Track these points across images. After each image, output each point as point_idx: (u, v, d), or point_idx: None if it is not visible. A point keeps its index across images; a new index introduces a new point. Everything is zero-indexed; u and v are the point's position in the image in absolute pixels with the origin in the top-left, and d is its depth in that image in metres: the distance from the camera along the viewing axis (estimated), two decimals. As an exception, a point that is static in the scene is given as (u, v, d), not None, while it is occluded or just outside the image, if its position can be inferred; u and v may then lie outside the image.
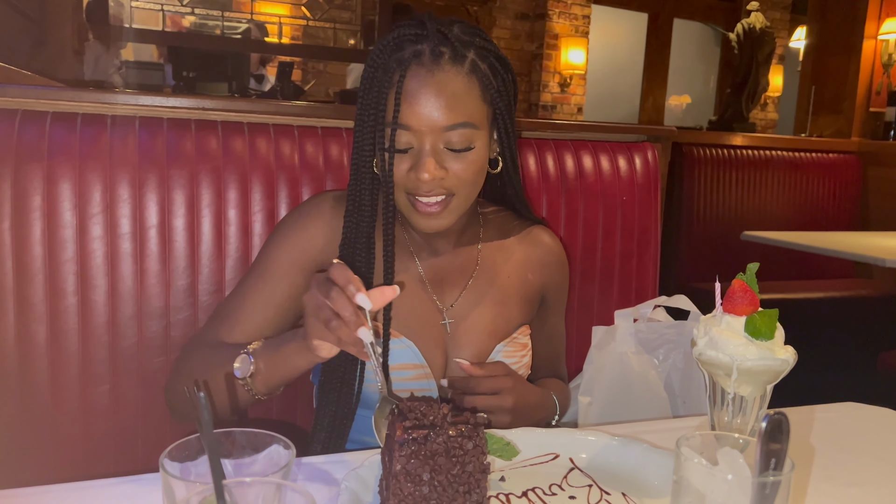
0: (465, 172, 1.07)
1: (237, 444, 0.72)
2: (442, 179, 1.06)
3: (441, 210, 1.08)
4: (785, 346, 0.83)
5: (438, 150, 1.05)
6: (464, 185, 1.08)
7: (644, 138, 1.76)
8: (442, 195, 1.08)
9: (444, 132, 1.04)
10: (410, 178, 1.06)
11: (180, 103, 1.37)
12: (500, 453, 0.87)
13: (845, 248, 2.89)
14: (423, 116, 1.03)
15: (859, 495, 0.87)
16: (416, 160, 1.05)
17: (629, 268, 1.65)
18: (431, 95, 1.03)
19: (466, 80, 1.05)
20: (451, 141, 1.05)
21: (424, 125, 1.03)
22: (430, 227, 1.10)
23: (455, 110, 1.04)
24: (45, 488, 0.81)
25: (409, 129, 1.04)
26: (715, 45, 7.90)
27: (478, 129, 1.07)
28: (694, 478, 0.52)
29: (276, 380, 1.01)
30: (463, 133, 1.05)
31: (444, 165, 1.05)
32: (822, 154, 3.84)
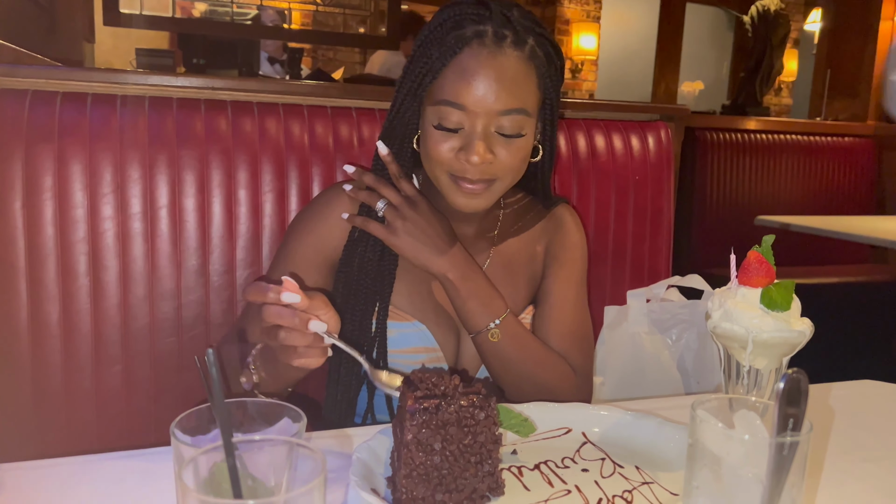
0: (512, 159, 1.05)
1: (248, 414, 0.72)
2: (490, 164, 1.04)
3: (483, 191, 1.07)
4: (801, 318, 0.82)
5: (489, 133, 1.03)
6: (508, 172, 1.07)
7: (657, 117, 1.74)
8: (486, 181, 1.06)
9: (497, 116, 1.02)
10: (458, 160, 1.04)
11: (190, 83, 1.37)
12: (518, 429, 0.87)
13: (860, 233, 2.87)
14: (480, 98, 1.01)
15: (875, 470, 0.86)
16: (467, 142, 1.03)
17: (642, 249, 1.64)
18: (491, 77, 1.01)
19: (525, 66, 1.04)
20: (503, 126, 1.03)
21: (480, 107, 1.01)
22: (470, 206, 1.08)
23: (512, 95, 1.02)
24: (56, 461, 0.81)
25: (464, 108, 1.02)
26: (728, 30, 7.81)
27: (530, 117, 1.06)
28: (709, 441, 0.51)
29: (281, 386, 1.00)
30: (516, 119, 1.03)
31: (492, 150, 1.04)
32: (837, 138, 3.79)
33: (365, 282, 1.12)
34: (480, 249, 1.20)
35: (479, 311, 1.10)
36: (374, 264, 1.12)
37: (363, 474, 0.75)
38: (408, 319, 1.13)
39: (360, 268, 1.12)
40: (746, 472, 0.50)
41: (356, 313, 1.12)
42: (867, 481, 0.83)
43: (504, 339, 1.10)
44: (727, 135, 3.58)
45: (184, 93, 1.36)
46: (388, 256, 1.13)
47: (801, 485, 0.51)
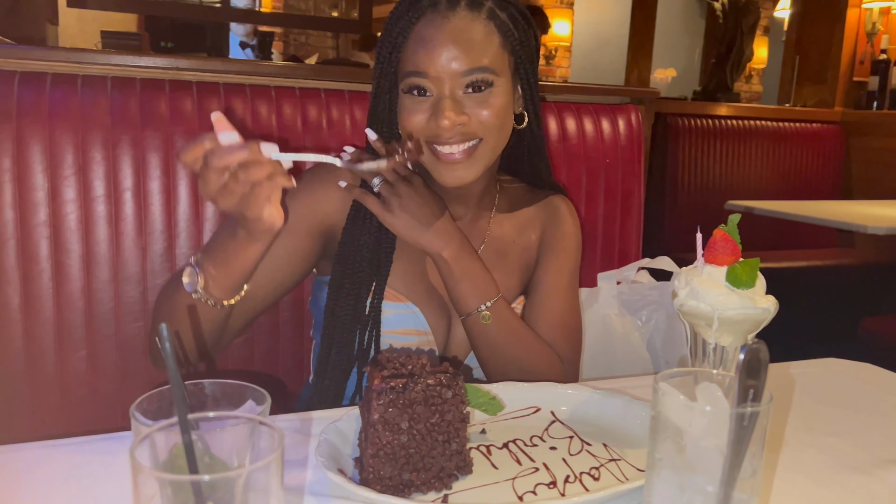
0: (487, 117, 1.04)
1: (210, 396, 0.70)
2: (464, 126, 1.03)
3: (466, 158, 1.05)
4: (766, 296, 0.82)
5: (457, 96, 1.03)
6: (489, 130, 1.05)
7: (627, 100, 1.75)
8: (467, 142, 1.05)
9: (461, 77, 1.02)
10: (430, 127, 1.03)
11: (154, 63, 1.34)
12: (486, 408, 0.86)
13: (827, 217, 2.91)
14: (440, 62, 1.01)
15: (838, 444, 0.87)
16: (436, 108, 1.03)
17: (612, 231, 1.64)
18: (448, 41, 1.01)
19: (484, 26, 1.04)
20: (471, 82, 1.03)
21: (442, 71, 1.01)
22: (455, 178, 1.06)
23: (472, 55, 1.02)
24: (18, 446, 0.79)
25: (427, 75, 1.02)
26: (700, 17, 7.86)
27: (498, 76, 1.05)
28: (672, 413, 0.51)
29: (233, 279, 0.95)
30: (483, 77, 1.03)
31: (464, 111, 1.03)
32: (806, 124, 3.84)
33: (362, 261, 1.11)
34: (475, 234, 1.19)
35: (472, 293, 1.09)
36: (371, 244, 1.11)
37: (330, 454, 0.74)
38: (402, 300, 1.13)
39: (357, 247, 1.11)
40: (708, 443, 0.51)
41: (352, 291, 1.11)
42: (828, 454, 0.85)
43: (494, 323, 1.09)
44: (698, 121, 3.61)
45: (148, 73, 1.34)
46: (386, 237, 1.12)
47: (761, 455, 0.52)
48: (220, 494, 0.48)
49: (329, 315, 1.12)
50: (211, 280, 0.94)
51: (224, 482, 0.46)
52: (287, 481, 0.73)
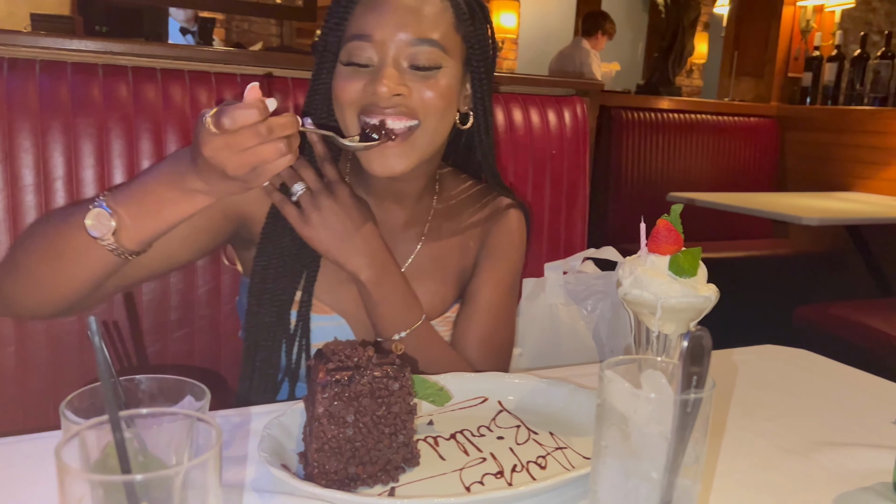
0: (431, 97, 0.97)
1: (147, 392, 0.68)
2: (403, 98, 0.95)
3: (401, 143, 0.96)
4: (707, 284, 0.84)
5: (401, 67, 0.96)
6: (429, 112, 0.97)
7: (573, 92, 1.76)
8: (403, 119, 0.96)
9: (408, 47, 0.95)
10: (366, 96, 0.95)
11: (86, 46, 1.28)
12: (433, 399, 0.86)
13: (763, 208, 3.01)
14: (387, 27, 0.95)
15: (776, 428, 0.90)
16: (376, 74, 0.94)
17: (558, 222, 1.66)
18: (399, 5, 0.96)
19: (440, 3, 0.99)
20: (416, 58, 0.96)
21: (388, 34, 0.94)
22: (386, 166, 0.97)
23: (423, 24, 0.96)
24: (-62, 449, 0.75)
25: (371, 39, 0.95)
26: (643, 11, 8.01)
27: (447, 56, 0.98)
28: (617, 400, 0.51)
29: (153, 231, 0.86)
30: (429, 52, 0.96)
31: (406, 83, 0.96)
32: (744, 118, 3.95)
33: (284, 267, 1.03)
34: (409, 239, 1.12)
35: (389, 320, 1.02)
36: (294, 250, 1.03)
37: (273, 450, 0.72)
38: (327, 312, 1.06)
39: (278, 252, 1.03)
40: (652, 429, 0.51)
41: (274, 300, 1.03)
42: (767, 438, 0.87)
43: (410, 350, 1.02)
44: (641, 114, 3.67)
45: (79, 57, 1.28)
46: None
47: (704, 440, 0.52)
48: (156, 494, 0.46)
49: (251, 323, 1.04)
50: (124, 228, 0.85)
51: (159, 481, 0.44)
52: (228, 478, 0.71)
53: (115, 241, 0.85)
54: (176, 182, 0.84)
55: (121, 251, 0.86)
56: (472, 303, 1.13)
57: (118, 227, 0.84)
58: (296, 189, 0.98)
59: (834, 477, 0.78)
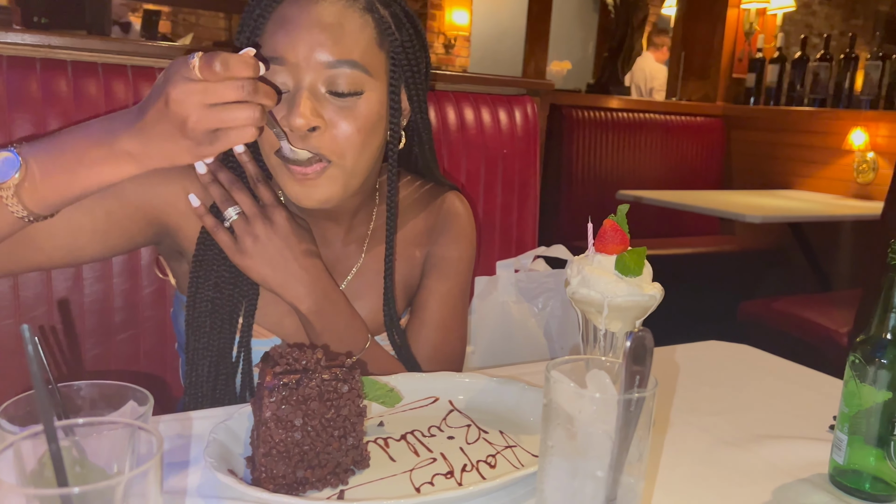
0: (349, 129, 0.89)
1: (87, 398, 0.66)
2: (320, 134, 0.88)
3: (317, 177, 0.90)
4: (653, 283, 0.86)
5: (318, 93, 0.88)
6: (344, 152, 0.90)
7: (524, 92, 1.77)
8: (316, 167, 0.89)
9: (325, 69, 0.87)
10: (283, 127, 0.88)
11: (22, 40, 1.24)
12: (383, 400, 0.86)
13: (710, 206, 3.09)
14: (301, 48, 0.87)
15: (719, 423, 0.92)
16: (291, 103, 0.87)
17: (510, 220, 1.67)
18: (313, 24, 0.87)
19: (359, 17, 0.90)
20: (335, 82, 0.88)
21: (302, 57, 0.87)
22: (308, 197, 0.91)
23: (341, 44, 0.88)
24: None
25: (284, 62, 0.87)
26: (593, 11, 8.11)
27: (370, 77, 0.91)
28: (563, 400, 0.52)
29: (62, 194, 0.78)
30: (349, 74, 0.88)
31: (321, 114, 0.88)
32: (691, 117, 4.05)
33: (223, 300, 0.97)
34: (350, 254, 1.07)
35: (333, 348, 0.97)
36: (230, 279, 0.97)
37: (220, 455, 0.71)
38: (266, 336, 1.01)
39: (215, 283, 0.96)
40: (597, 428, 0.52)
41: (214, 335, 0.97)
42: (710, 432, 0.89)
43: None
44: (591, 112, 3.73)
45: (16, 50, 1.23)
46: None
47: (647, 438, 0.53)
48: (95, 505, 0.45)
49: (190, 353, 0.98)
50: (30, 182, 0.76)
51: (98, 493, 0.43)
52: (171, 485, 0.70)
53: (14, 194, 0.76)
54: (104, 140, 0.76)
55: (17, 208, 0.77)
56: (419, 316, 1.09)
57: (22, 179, 0.76)
58: (229, 214, 0.91)
59: (774, 469, 0.81)
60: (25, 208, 0.78)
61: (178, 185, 0.95)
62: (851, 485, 0.76)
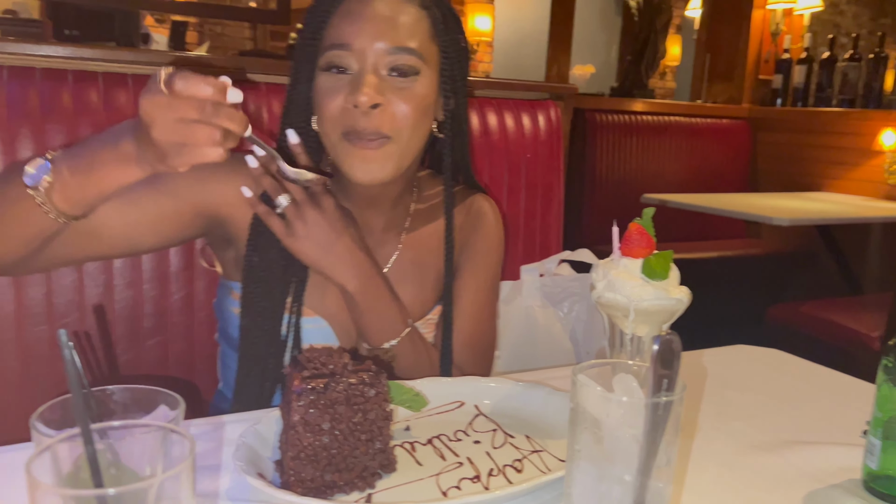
0: (407, 109, 0.98)
1: (119, 402, 0.67)
2: (380, 110, 0.96)
3: (377, 149, 0.98)
4: (679, 287, 0.85)
5: (380, 74, 0.97)
6: (403, 128, 0.99)
7: (547, 96, 1.77)
8: (379, 134, 0.97)
9: (386, 55, 0.97)
10: (347, 109, 0.96)
11: (55, 52, 1.27)
12: (409, 404, 0.86)
13: (736, 209, 3.05)
14: (365, 35, 0.96)
15: (748, 428, 0.91)
16: (355, 83, 0.96)
17: (534, 224, 1.67)
18: (377, 14, 0.97)
19: (416, 11, 1.00)
20: (395, 65, 0.97)
21: (366, 44, 0.96)
22: (368, 174, 0.99)
23: (399, 34, 0.97)
24: None
25: (350, 48, 0.96)
26: (616, 14, 8.07)
27: (425, 64, 1.00)
28: (590, 404, 0.52)
29: (86, 194, 0.83)
30: (407, 59, 0.98)
31: (384, 93, 0.97)
32: (716, 120, 4.01)
33: (275, 280, 1.03)
34: (388, 241, 1.13)
35: (377, 329, 1.03)
36: (282, 262, 1.03)
37: (249, 459, 0.72)
38: (310, 315, 1.06)
39: (268, 265, 1.03)
40: (625, 432, 0.52)
41: (268, 311, 1.03)
42: (739, 437, 0.88)
43: (399, 357, 1.05)
44: (615, 116, 3.71)
45: (49, 63, 1.26)
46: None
47: (675, 442, 0.53)
48: (129, 507, 0.45)
49: (243, 335, 1.04)
50: (60, 184, 0.81)
51: (132, 494, 0.44)
52: (201, 487, 0.71)
53: (46, 196, 0.81)
54: (111, 143, 0.81)
55: (51, 208, 0.82)
56: (455, 306, 1.13)
57: (54, 183, 0.81)
58: (280, 201, 0.97)
59: (804, 475, 0.80)
60: (57, 209, 0.83)
61: (228, 178, 1.02)
62: (886, 491, 0.75)
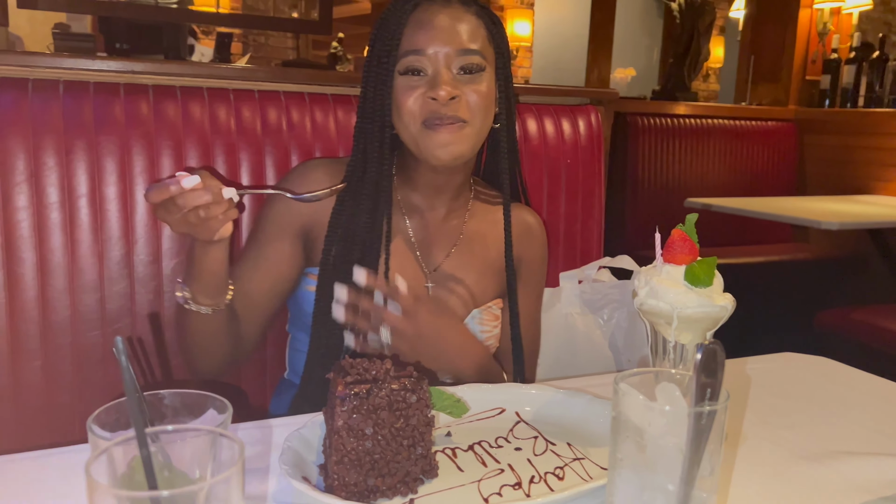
0: (476, 99, 1.10)
1: (170, 406, 0.69)
2: (457, 101, 1.08)
3: (455, 132, 1.10)
4: (724, 294, 0.84)
5: (452, 73, 1.10)
6: (476, 114, 1.11)
7: (587, 101, 1.76)
8: (456, 118, 1.09)
9: (456, 57, 1.09)
10: (426, 101, 1.08)
11: (107, 66, 1.31)
12: (451, 410, 0.87)
13: (783, 213, 2.98)
14: (436, 41, 1.09)
15: (795, 437, 0.90)
16: (432, 82, 1.09)
17: (574, 231, 1.66)
18: (445, 23, 1.10)
19: (475, 19, 1.13)
20: (464, 64, 1.10)
21: (438, 47, 1.09)
22: (447, 152, 1.10)
23: (466, 38, 1.10)
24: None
25: (424, 53, 1.09)
26: (658, 17, 7.99)
27: (486, 63, 1.13)
28: (632, 413, 0.52)
29: (211, 284, 1.03)
30: (474, 59, 1.11)
31: (458, 87, 1.09)
32: (761, 122, 3.93)
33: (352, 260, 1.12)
34: (451, 229, 1.24)
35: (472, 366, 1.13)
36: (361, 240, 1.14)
37: (294, 462, 0.73)
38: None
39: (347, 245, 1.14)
40: (668, 441, 0.51)
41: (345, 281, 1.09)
42: (785, 447, 0.87)
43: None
44: (657, 119, 3.66)
45: (101, 76, 1.30)
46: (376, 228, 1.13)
47: (719, 452, 0.53)
48: (181, 508, 0.47)
49: (320, 313, 1.14)
50: (197, 290, 1.03)
51: (184, 496, 0.45)
52: (250, 490, 0.72)
53: (196, 303, 1.04)
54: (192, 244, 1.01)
55: (206, 308, 1.04)
56: (505, 314, 1.26)
57: (192, 291, 1.03)
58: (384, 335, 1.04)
59: (854, 486, 0.78)
60: (210, 306, 1.05)
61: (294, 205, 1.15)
62: (939, 504, 0.73)
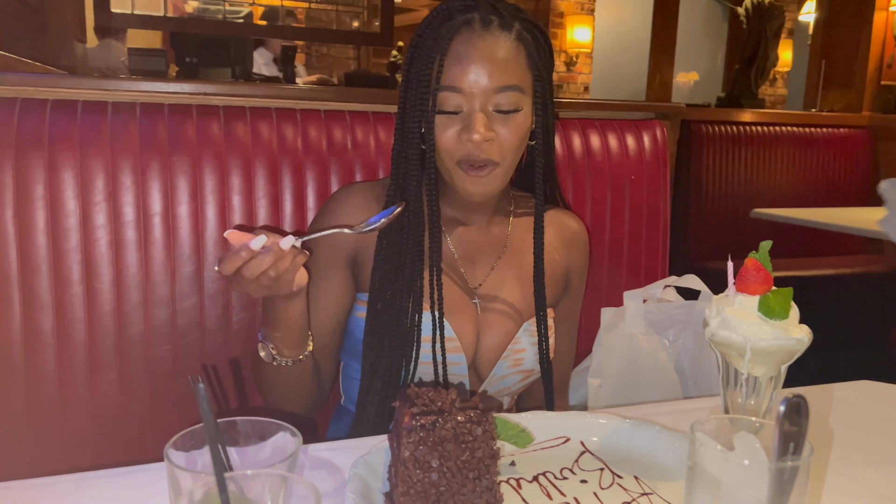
0: (511, 137, 1.08)
1: (242, 433, 0.71)
2: (491, 143, 1.07)
3: (487, 174, 1.09)
4: (800, 326, 0.81)
5: (488, 112, 1.07)
6: (508, 152, 1.10)
7: (652, 116, 1.73)
8: (488, 161, 1.08)
9: (493, 94, 1.06)
10: (461, 142, 1.06)
11: (181, 88, 1.35)
12: (515, 440, 0.86)
13: (856, 224, 2.86)
14: (474, 78, 1.05)
15: (875, 475, 0.86)
16: (467, 122, 1.06)
17: (638, 248, 1.63)
18: (483, 58, 1.05)
19: (515, 46, 1.08)
20: (500, 103, 1.06)
21: (476, 87, 1.05)
22: (479, 192, 1.10)
23: (505, 73, 1.06)
24: (51, 479, 0.80)
25: (460, 91, 1.05)
26: (722, 21, 7.79)
27: (524, 95, 1.09)
28: (709, 463, 0.50)
29: (293, 336, 1.05)
30: (511, 96, 1.07)
31: (492, 128, 1.07)
32: (833, 129, 3.78)
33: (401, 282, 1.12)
34: (495, 240, 1.23)
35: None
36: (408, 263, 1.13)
37: (361, 491, 0.74)
38: (426, 309, 1.14)
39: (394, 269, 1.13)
40: (746, 494, 0.50)
41: (393, 314, 1.12)
42: (864, 485, 0.83)
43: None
44: (722, 127, 3.57)
45: (175, 98, 1.35)
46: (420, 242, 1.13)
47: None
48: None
49: (371, 338, 1.13)
50: (279, 344, 1.05)
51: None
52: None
53: (281, 357, 1.06)
54: (270, 301, 1.02)
55: (291, 361, 1.07)
56: (563, 323, 1.31)
57: (276, 346, 1.05)
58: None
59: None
60: (293, 357, 1.07)
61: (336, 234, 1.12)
62: None
